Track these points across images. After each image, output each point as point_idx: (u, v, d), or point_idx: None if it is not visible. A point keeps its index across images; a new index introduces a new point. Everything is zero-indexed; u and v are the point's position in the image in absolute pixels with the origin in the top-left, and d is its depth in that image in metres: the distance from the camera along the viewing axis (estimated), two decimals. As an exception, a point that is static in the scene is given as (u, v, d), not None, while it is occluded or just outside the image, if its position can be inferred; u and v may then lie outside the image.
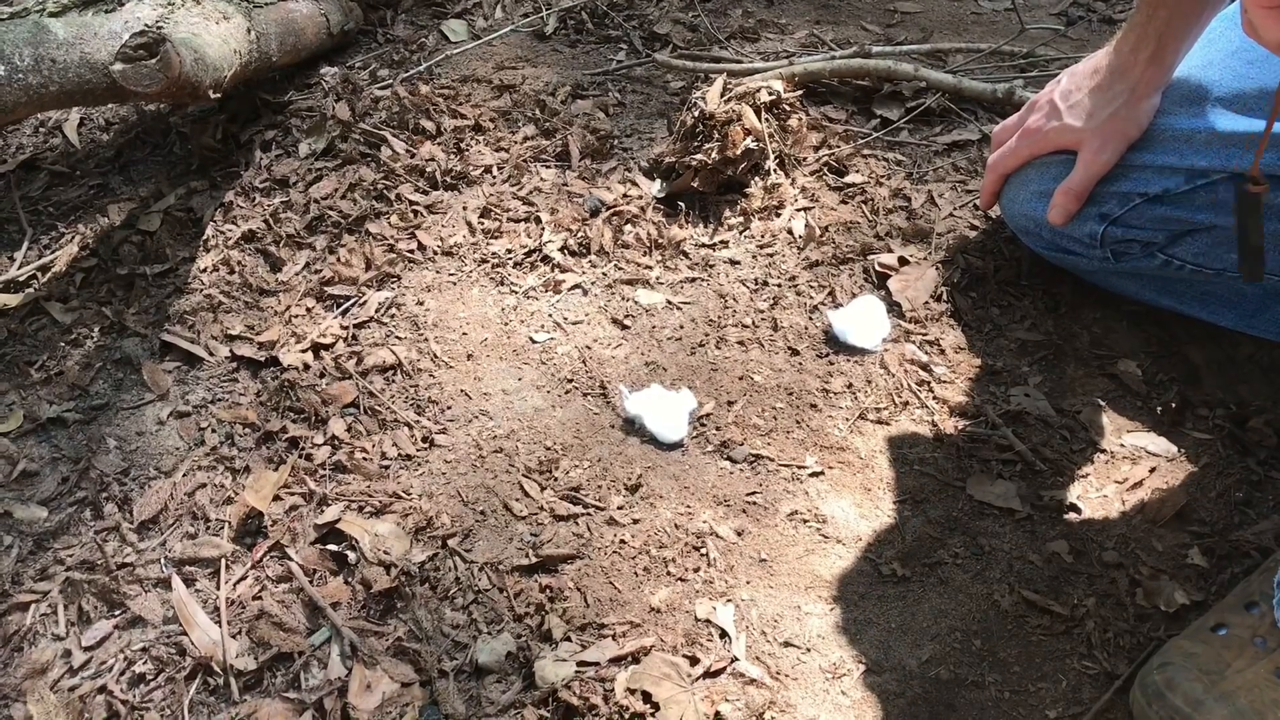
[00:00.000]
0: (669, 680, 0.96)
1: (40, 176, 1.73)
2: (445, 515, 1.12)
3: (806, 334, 1.31)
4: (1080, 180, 1.18)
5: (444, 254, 1.45)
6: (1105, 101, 1.17)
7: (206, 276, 1.47)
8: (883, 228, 1.43)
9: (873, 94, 1.69)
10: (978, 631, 1.02)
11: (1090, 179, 1.18)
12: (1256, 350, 1.25)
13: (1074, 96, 1.20)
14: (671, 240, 1.44)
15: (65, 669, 1.05)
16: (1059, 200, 1.20)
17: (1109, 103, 1.16)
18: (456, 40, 1.93)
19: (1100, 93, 1.18)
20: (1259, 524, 1.09)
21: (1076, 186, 1.19)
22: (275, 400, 1.28)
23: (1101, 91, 1.17)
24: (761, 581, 1.06)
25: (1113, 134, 1.16)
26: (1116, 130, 1.16)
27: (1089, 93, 1.19)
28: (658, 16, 1.95)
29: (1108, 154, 1.17)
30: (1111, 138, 1.16)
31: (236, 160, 1.67)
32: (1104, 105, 1.17)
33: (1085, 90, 1.19)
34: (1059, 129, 1.21)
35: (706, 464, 1.18)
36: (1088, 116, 1.18)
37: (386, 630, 1.04)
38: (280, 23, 1.65)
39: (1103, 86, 1.18)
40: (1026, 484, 1.14)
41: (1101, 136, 1.17)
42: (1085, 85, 1.20)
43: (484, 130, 1.66)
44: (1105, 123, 1.17)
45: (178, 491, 1.20)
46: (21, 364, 1.38)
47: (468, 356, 1.31)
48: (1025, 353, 1.27)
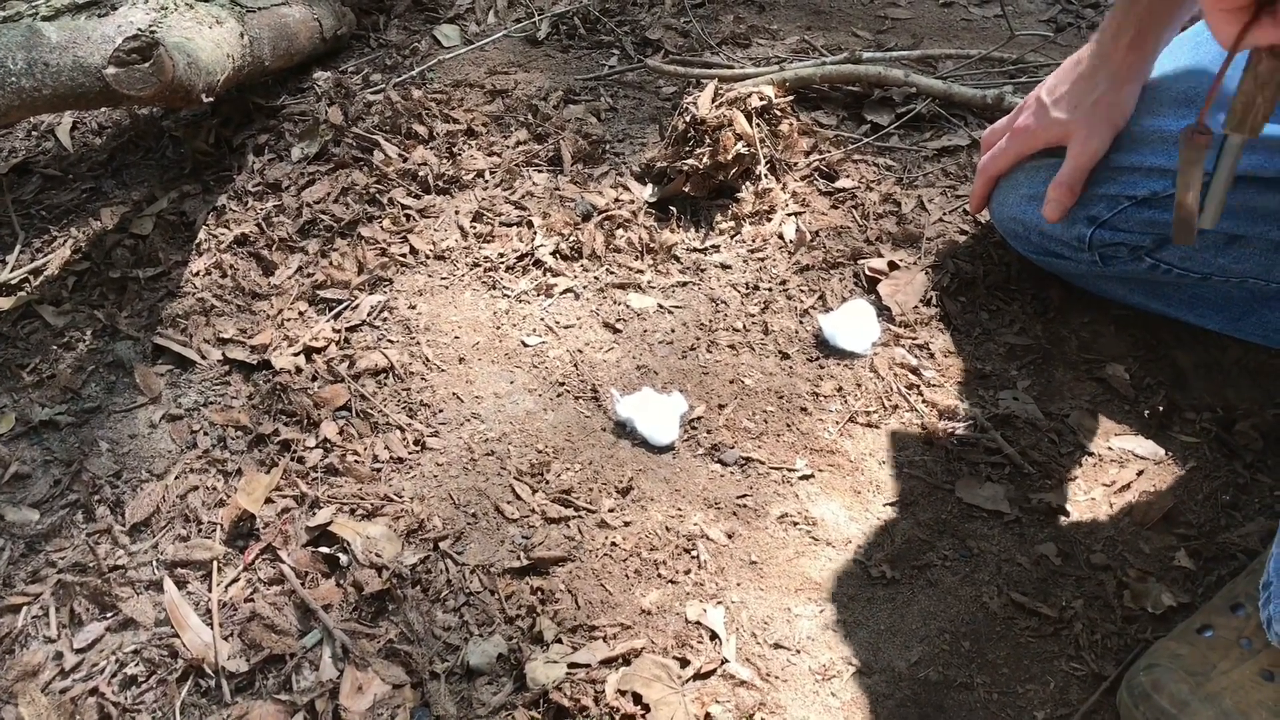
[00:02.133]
0: (660, 682, 0.97)
1: (33, 180, 1.73)
2: (437, 518, 1.13)
3: (797, 338, 1.32)
4: (1072, 171, 1.18)
5: (436, 258, 1.46)
6: (1089, 90, 1.17)
7: (199, 280, 1.47)
8: (873, 232, 1.44)
9: (863, 99, 1.70)
10: (966, 633, 1.02)
11: (1082, 169, 1.18)
12: (1243, 354, 1.26)
13: (1059, 90, 1.21)
14: (663, 244, 1.45)
15: (57, 671, 1.05)
16: (1053, 195, 1.20)
17: (1092, 90, 1.17)
18: (449, 45, 1.93)
19: (1083, 81, 1.18)
20: (1245, 526, 1.10)
21: (1068, 179, 1.18)
22: (267, 403, 1.28)
23: (1085, 80, 1.18)
24: (752, 583, 1.06)
25: (1099, 120, 1.16)
26: (1102, 116, 1.16)
27: (1072, 83, 1.19)
28: (649, 22, 1.95)
29: (1096, 141, 1.16)
30: (1098, 125, 1.16)
31: (229, 164, 1.67)
32: (1088, 93, 1.17)
33: (1069, 82, 1.20)
34: (1047, 123, 1.21)
35: (697, 467, 1.18)
36: (1073, 107, 1.18)
37: (378, 632, 1.04)
38: (273, 27, 1.66)
39: (1086, 75, 1.18)
40: (1015, 487, 1.15)
41: (1088, 125, 1.17)
42: (1069, 77, 1.20)
43: (476, 135, 1.67)
44: (1090, 110, 1.17)
45: (170, 494, 1.20)
46: (13, 367, 1.38)
47: (460, 360, 1.31)
48: (1014, 356, 1.28)
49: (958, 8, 2.03)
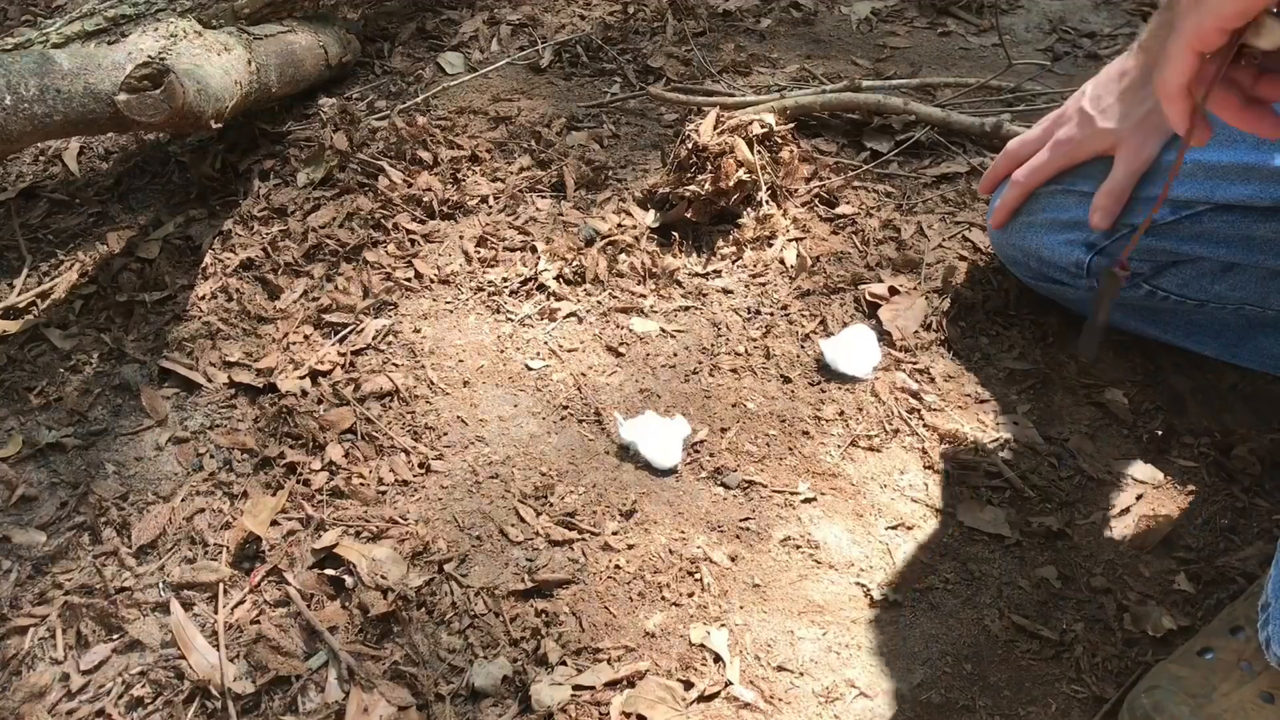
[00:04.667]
0: (664, 704, 0.97)
1: (40, 204, 1.74)
2: (442, 540, 1.14)
3: (799, 362, 1.33)
4: (1123, 178, 1.17)
5: (441, 282, 1.47)
6: (1139, 100, 1.17)
7: (205, 304, 1.49)
8: (873, 258, 1.46)
9: (863, 127, 1.72)
10: (968, 656, 1.03)
11: (1133, 175, 1.17)
12: (1240, 380, 1.28)
13: (1104, 101, 1.20)
14: (665, 269, 1.46)
15: (63, 692, 1.05)
16: (1101, 203, 1.19)
17: (1143, 100, 1.16)
18: (453, 72, 1.96)
19: (1133, 92, 1.18)
20: (1244, 550, 1.11)
21: (1119, 185, 1.18)
22: (273, 426, 1.29)
23: (1134, 91, 1.18)
24: (755, 606, 1.07)
25: (1152, 130, 1.16)
26: (1155, 125, 1.16)
27: (1119, 95, 1.19)
28: (651, 50, 1.98)
29: (1149, 149, 1.16)
30: (1151, 133, 1.16)
31: (235, 189, 1.69)
32: (1139, 104, 1.17)
33: (1115, 94, 1.19)
34: (1095, 134, 1.20)
35: (700, 490, 1.19)
36: (1122, 117, 1.18)
37: (383, 654, 1.05)
38: (280, 54, 1.68)
39: (1134, 87, 1.18)
40: (1015, 510, 1.15)
41: (1142, 133, 1.16)
42: (1114, 89, 1.20)
43: (480, 161, 1.69)
44: (1143, 120, 1.16)
45: (176, 516, 1.20)
46: (21, 389, 1.39)
47: (464, 383, 1.32)
48: (1014, 381, 1.29)
49: (956, 37, 2.06)
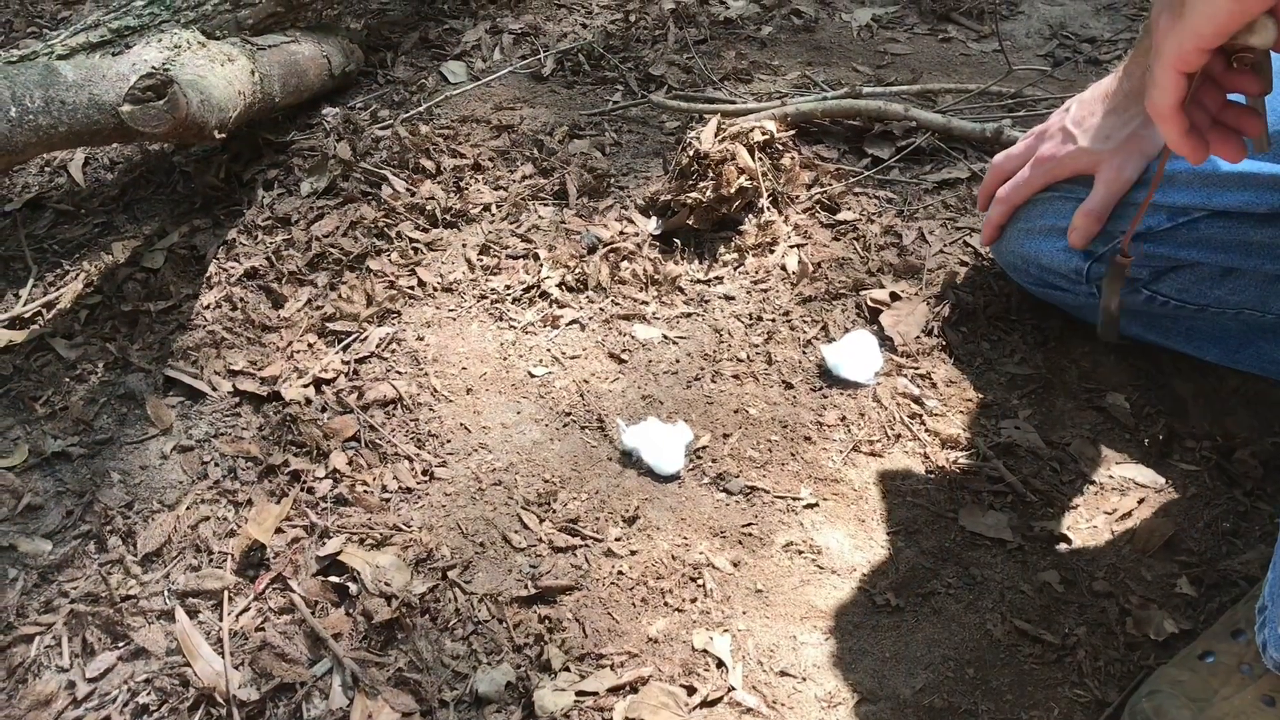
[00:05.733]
0: (667, 710, 0.98)
1: (46, 215, 1.75)
2: (445, 547, 1.14)
3: (800, 368, 1.33)
4: (1102, 199, 1.18)
5: (444, 290, 1.48)
6: (1122, 123, 1.18)
7: (209, 313, 1.49)
8: (874, 264, 1.46)
9: (864, 133, 1.72)
10: (971, 660, 1.03)
11: (1113, 196, 1.18)
12: (1241, 384, 1.28)
13: (1088, 121, 1.21)
14: (667, 276, 1.47)
15: (69, 700, 1.06)
16: (1079, 223, 1.20)
17: (1126, 124, 1.18)
18: (456, 81, 1.96)
19: (1116, 115, 1.19)
20: (1245, 554, 1.11)
21: (1098, 207, 1.19)
22: (277, 434, 1.30)
23: (1117, 114, 1.19)
24: (758, 612, 1.08)
25: (1133, 152, 1.17)
26: (1136, 148, 1.17)
27: (1103, 116, 1.20)
28: (653, 58, 1.98)
29: (1129, 171, 1.17)
30: (1132, 155, 1.17)
31: (239, 199, 1.70)
32: (1121, 126, 1.18)
33: (1099, 115, 1.20)
34: (1075, 153, 1.21)
35: (703, 496, 1.19)
36: (1105, 138, 1.19)
37: (387, 661, 1.05)
38: (283, 64, 1.69)
39: (1118, 109, 1.19)
40: (1017, 515, 1.16)
41: (1123, 154, 1.17)
42: (1098, 110, 1.21)
43: (483, 169, 1.69)
44: (1125, 142, 1.17)
45: (181, 524, 1.21)
46: (27, 399, 1.40)
47: (467, 390, 1.33)
48: (1015, 386, 1.30)
49: (956, 43, 2.07)
